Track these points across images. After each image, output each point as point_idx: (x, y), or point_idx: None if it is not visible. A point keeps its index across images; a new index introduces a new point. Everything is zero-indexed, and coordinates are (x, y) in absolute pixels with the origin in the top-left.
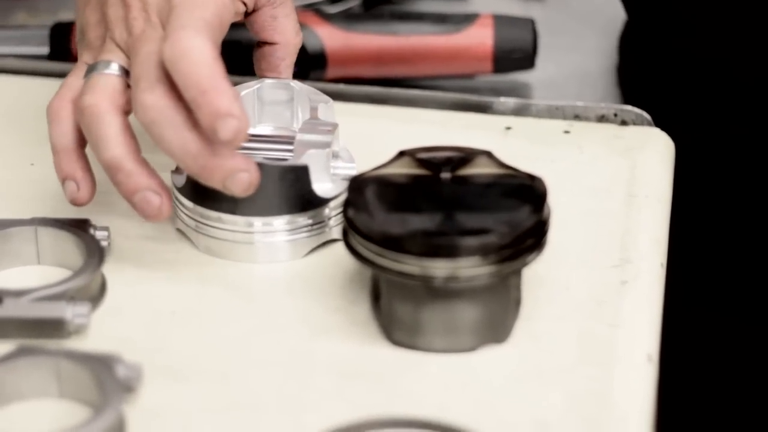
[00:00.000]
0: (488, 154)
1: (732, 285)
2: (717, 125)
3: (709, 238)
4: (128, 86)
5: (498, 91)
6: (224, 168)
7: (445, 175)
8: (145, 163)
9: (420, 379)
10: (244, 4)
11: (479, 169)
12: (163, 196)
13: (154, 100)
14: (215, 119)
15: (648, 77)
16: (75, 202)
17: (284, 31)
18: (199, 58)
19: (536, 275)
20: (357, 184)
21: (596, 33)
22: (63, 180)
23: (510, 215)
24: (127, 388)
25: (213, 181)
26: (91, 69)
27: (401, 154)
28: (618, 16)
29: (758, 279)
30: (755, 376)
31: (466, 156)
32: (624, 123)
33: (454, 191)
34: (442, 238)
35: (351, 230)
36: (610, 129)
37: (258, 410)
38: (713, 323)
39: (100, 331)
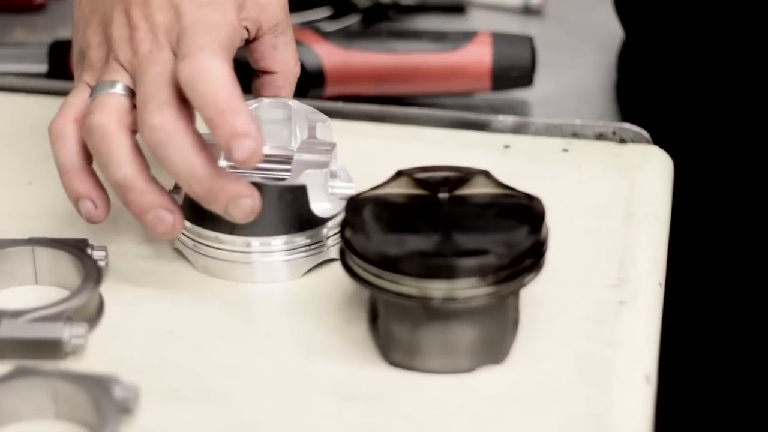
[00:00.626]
0: (486, 174)
1: (731, 303)
2: (715, 142)
3: (708, 257)
4: (134, 106)
5: (496, 109)
6: (228, 192)
7: (443, 195)
8: (155, 182)
9: (418, 400)
10: (247, 30)
11: (477, 189)
12: (175, 213)
13: (162, 121)
14: (231, 139)
15: (646, 94)
16: (92, 220)
17: (284, 60)
18: (218, 78)
19: (534, 295)
20: (354, 204)
21: (595, 50)
22: (76, 199)
23: (508, 236)
24: (125, 409)
25: (216, 205)
26: (96, 89)
27: (399, 173)
28: (616, 32)
29: (758, 297)
30: (754, 395)
31: (464, 176)
32: (622, 141)
33: (451, 211)
34: (440, 259)
35: (348, 251)
36: (609, 147)
37: (255, 431)
38: (713, 342)
39: (98, 351)
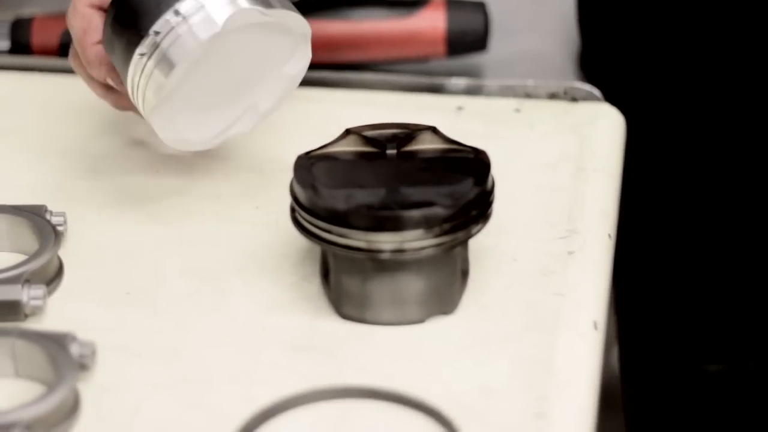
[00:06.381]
0: (433, 130)
1: (686, 247)
2: (672, 100)
3: (666, 209)
4: None
5: (453, 74)
6: None
7: (391, 151)
8: None
9: (368, 350)
10: None
11: (425, 144)
12: None
13: None
14: None
15: (603, 57)
16: None
17: None
18: None
19: (485, 248)
20: (303, 162)
21: (552, 15)
22: None
23: (454, 188)
24: (81, 365)
25: None
26: None
27: (347, 132)
28: None
29: (711, 244)
30: (708, 348)
31: (411, 132)
32: (574, 100)
33: (399, 167)
34: (387, 212)
35: (298, 207)
36: (560, 106)
37: (209, 384)
38: (666, 287)
39: (57, 313)
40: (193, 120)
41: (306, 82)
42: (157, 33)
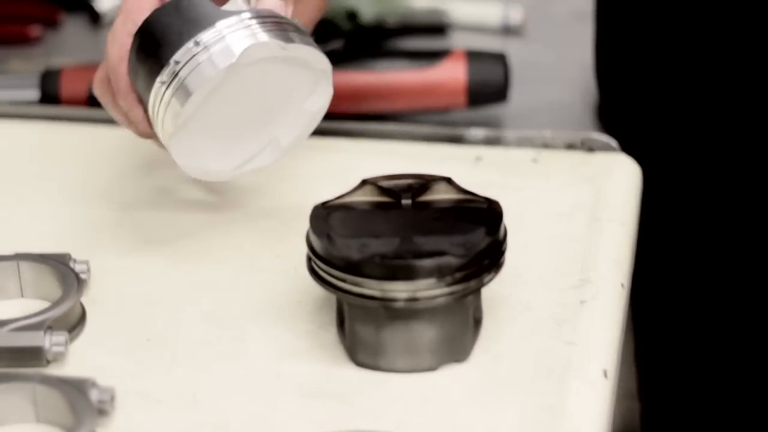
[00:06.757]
0: (448, 180)
1: (702, 305)
2: (688, 153)
3: (685, 258)
4: None
5: (474, 124)
6: None
7: (406, 201)
8: None
9: (381, 397)
10: None
11: (439, 194)
12: None
13: None
14: None
15: (620, 108)
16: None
17: None
18: None
19: (498, 296)
20: (320, 212)
21: (573, 67)
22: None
23: (466, 237)
24: (100, 411)
25: None
26: None
27: (364, 182)
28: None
29: (728, 297)
30: (725, 394)
31: (426, 183)
32: (591, 150)
33: (413, 216)
34: (400, 261)
35: (314, 256)
36: (577, 156)
37: (225, 430)
38: (684, 339)
39: (78, 359)
40: (212, 150)
41: (328, 132)
42: (177, 62)
